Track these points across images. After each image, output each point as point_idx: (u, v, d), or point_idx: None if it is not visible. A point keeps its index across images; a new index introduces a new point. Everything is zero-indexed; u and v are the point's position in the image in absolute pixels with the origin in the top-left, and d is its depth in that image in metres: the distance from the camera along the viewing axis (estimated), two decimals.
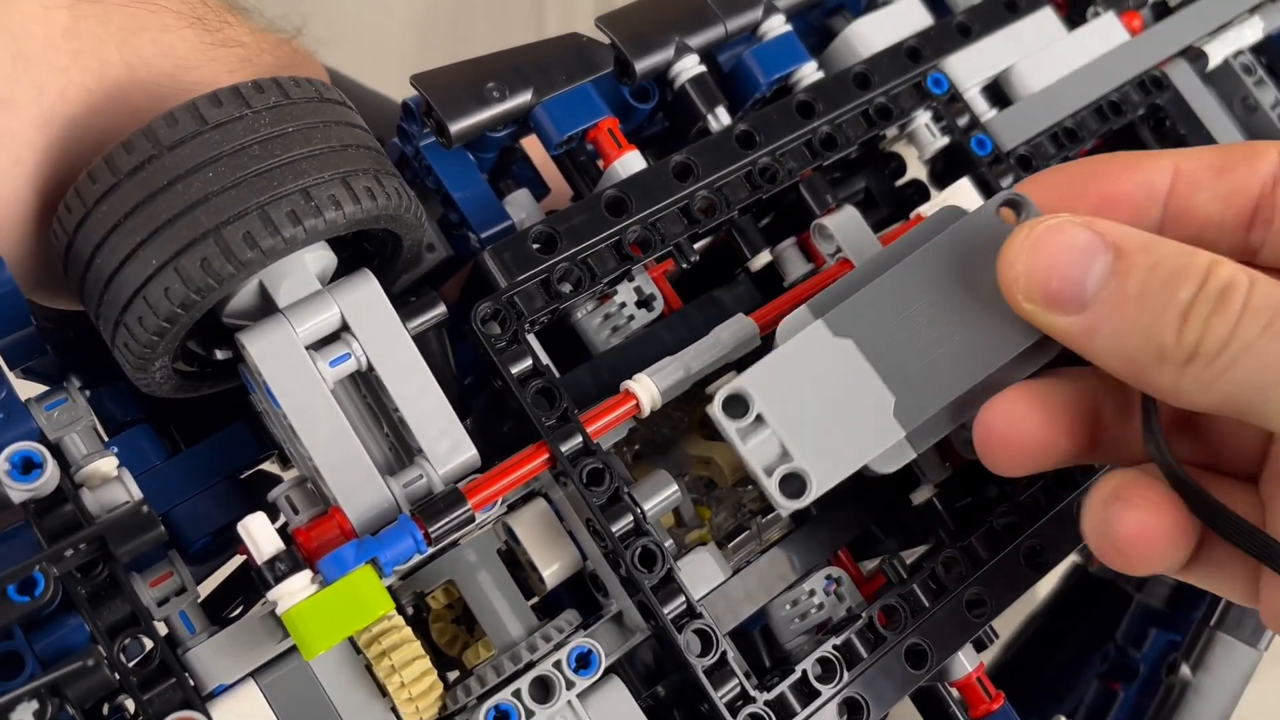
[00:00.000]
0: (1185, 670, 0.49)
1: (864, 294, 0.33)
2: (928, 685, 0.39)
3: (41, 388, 0.38)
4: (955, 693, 0.39)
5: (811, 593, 0.39)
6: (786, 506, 0.32)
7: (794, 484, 0.32)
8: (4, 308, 0.33)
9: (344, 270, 0.37)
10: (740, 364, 0.39)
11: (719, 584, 0.38)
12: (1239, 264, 0.28)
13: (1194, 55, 0.48)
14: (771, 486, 0.32)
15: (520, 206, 0.41)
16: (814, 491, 0.32)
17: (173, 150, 0.31)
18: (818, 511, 0.40)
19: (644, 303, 0.40)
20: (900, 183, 0.47)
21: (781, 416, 0.32)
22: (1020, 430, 0.31)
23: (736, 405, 0.32)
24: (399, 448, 0.36)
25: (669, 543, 0.38)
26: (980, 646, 0.40)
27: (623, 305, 0.40)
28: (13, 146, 0.36)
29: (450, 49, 0.41)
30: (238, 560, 0.39)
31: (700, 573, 0.38)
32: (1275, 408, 0.27)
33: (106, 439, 0.38)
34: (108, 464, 0.35)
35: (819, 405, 0.32)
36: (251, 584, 0.39)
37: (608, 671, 0.35)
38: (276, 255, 0.32)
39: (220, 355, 0.37)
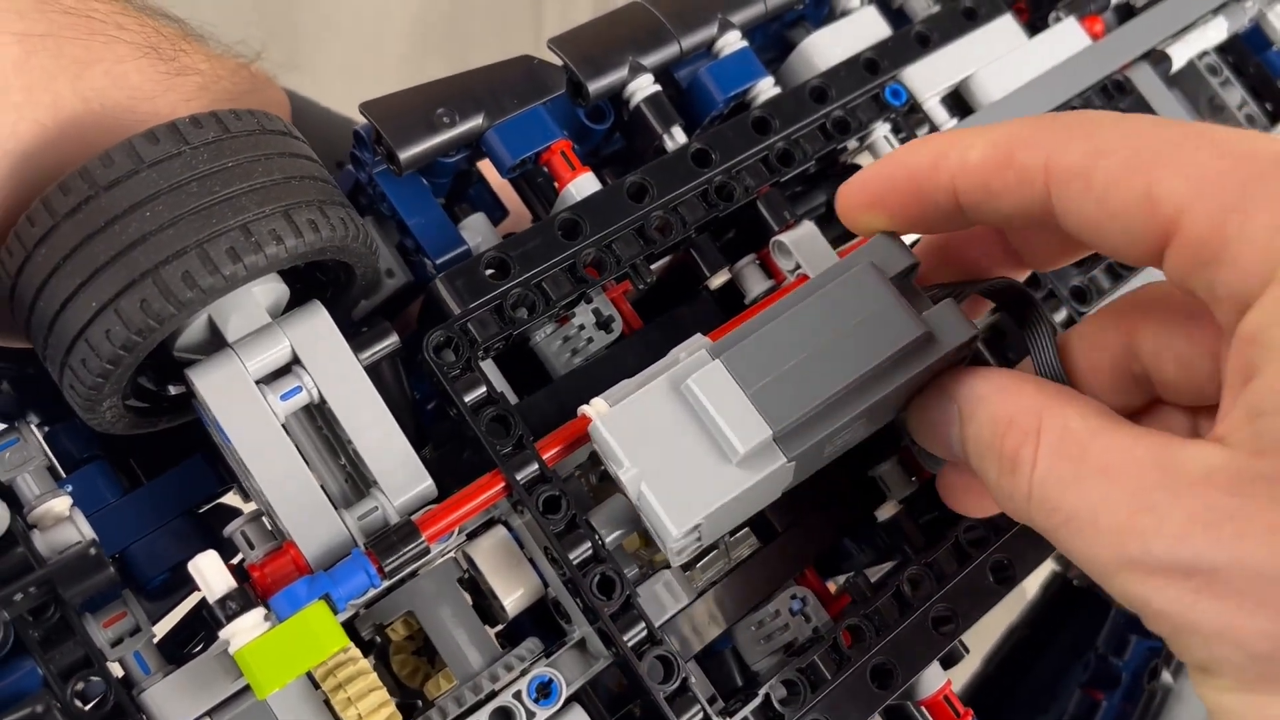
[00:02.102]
0: (1166, 676, 0.49)
1: (827, 435, 0.32)
2: (897, 704, 0.38)
3: None
4: (926, 712, 0.38)
5: (776, 614, 0.38)
6: (677, 560, 0.35)
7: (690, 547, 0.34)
8: None
9: (298, 300, 0.37)
10: None
11: (681, 608, 0.37)
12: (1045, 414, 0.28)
13: (1157, 58, 0.48)
14: (674, 560, 0.35)
15: (476, 231, 0.41)
16: (698, 548, 0.35)
17: (109, 190, 0.31)
18: (783, 530, 0.40)
19: (603, 324, 0.40)
20: None
21: (708, 521, 0.33)
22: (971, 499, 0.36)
23: (691, 530, 0.33)
24: (355, 478, 0.36)
25: (633, 569, 0.38)
26: (949, 663, 0.40)
27: (581, 327, 0.39)
28: None
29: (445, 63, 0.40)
30: (199, 595, 0.39)
31: (663, 597, 0.37)
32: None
33: (64, 475, 0.38)
34: (61, 504, 0.34)
35: (736, 504, 0.33)
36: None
37: (571, 700, 0.35)
38: (217, 294, 0.32)
39: (174, 390, 0.37)
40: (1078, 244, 0.30)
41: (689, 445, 0.33)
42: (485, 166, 0.43)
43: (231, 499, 0.40)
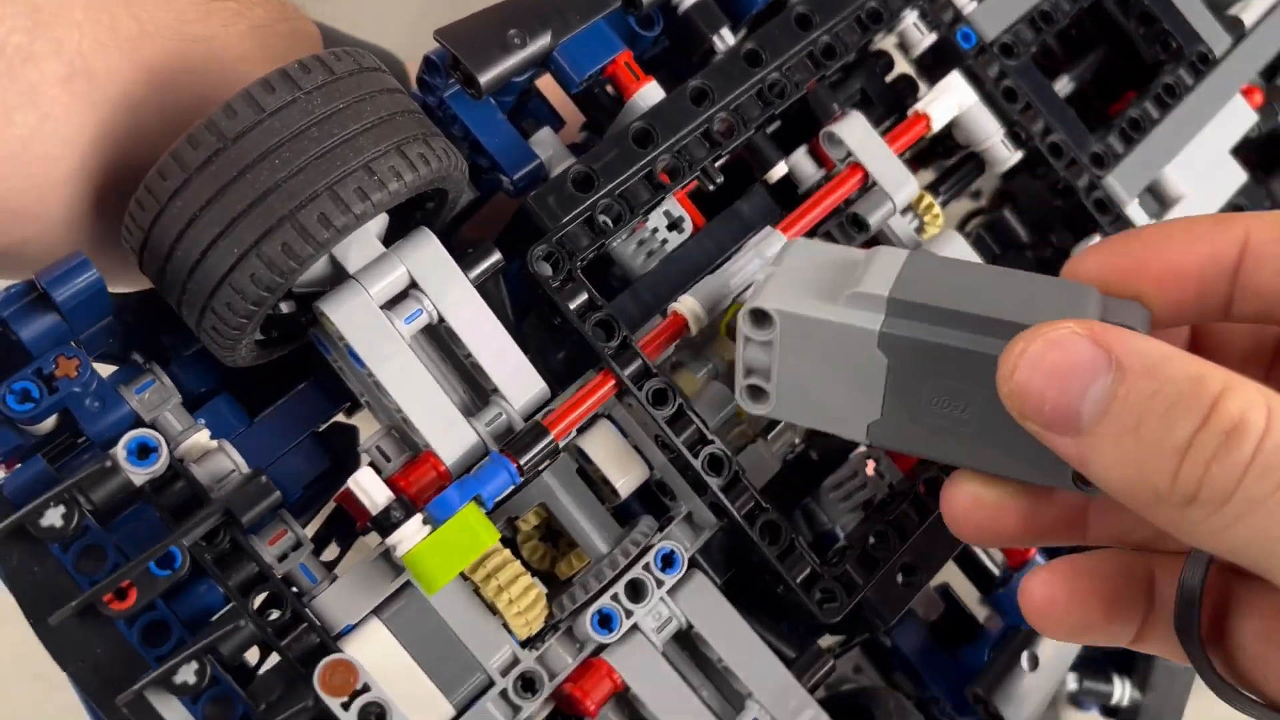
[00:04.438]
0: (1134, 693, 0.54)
1: (938, 348, 0.29)
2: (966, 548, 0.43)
3: (109, 368, 0.40)
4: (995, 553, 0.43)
5: (854, 474, 0.43)
6: (745, 405, 0.33)
7: (759, 396, 0.33)
8: (92, 302, 0.35)
9: (395, 224, 0.39)
10: None
11: (772, 475, 0.41)
12: (1262, 391, 0.24)
13: None
14: (740, 387, 0.33)
15: (545, 145, 0.43)
16: (768, 409, 0.33)
17: (237, 141, 0.33)
18: None
19: (674, 225, 0.43)
20: (890, 78, 0.49)
21: (785, 353, 0.32)
22: (1056, 607, 0.30)
23: (763, 321, 0.32)
24: (472, 392, 0.39)
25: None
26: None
27: (655, 230, 0.42)
28: (40, 104, 0.37)
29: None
30: (329, 510, 0.42)
31: (756, 467, 0.41)
32: None
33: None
34: (203, 437, 0.37)
35: (817, 372, 0.32)
36: (344, 529, 0.42)
37: (689, 566, 0.39)
38: (350, 231, 0.34)
39: (285, 309, 0.39)
40: None
41: (820, 282, 0.32)
42: (541, 81, 0.45)
43: (341, 418, 0.43)
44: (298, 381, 0.42)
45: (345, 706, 0.33)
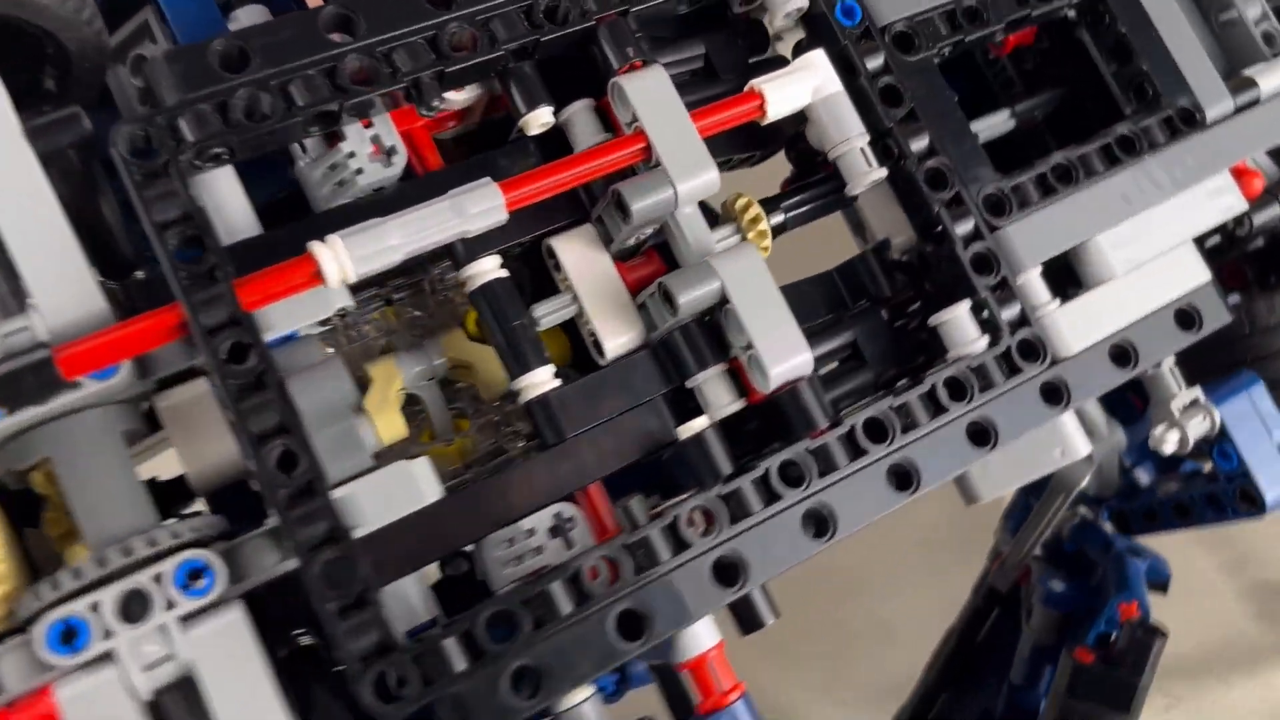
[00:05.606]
0: None
1: None
2: (661, 665, 0.31)
3: None
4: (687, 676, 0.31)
5: (531, 532, 0.31)
6: None
7: None
8: None
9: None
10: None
11: (424, 505, 0.30)
12: None
13: None
14: None
15: (249, 23, 0.33)
16: None
17: None
18: (573, 436, 0.32)
19: (384, 156, 0.32)
20: (756, 60, 0.38)
21: None
22: None
23: None
24: (18, 292, 0.29)
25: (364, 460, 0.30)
26: (750, 627, 0.32)
27: (352, 155, 0.32)
28: None
29: None
30: None
31: (404, 488, 0.30)
32: None
33: None
34: None
35: None
36: None
37: (240, 598, 0.28)
38: None
39: None
40: None
41: None
42: None
43: None
44: None
45: None
